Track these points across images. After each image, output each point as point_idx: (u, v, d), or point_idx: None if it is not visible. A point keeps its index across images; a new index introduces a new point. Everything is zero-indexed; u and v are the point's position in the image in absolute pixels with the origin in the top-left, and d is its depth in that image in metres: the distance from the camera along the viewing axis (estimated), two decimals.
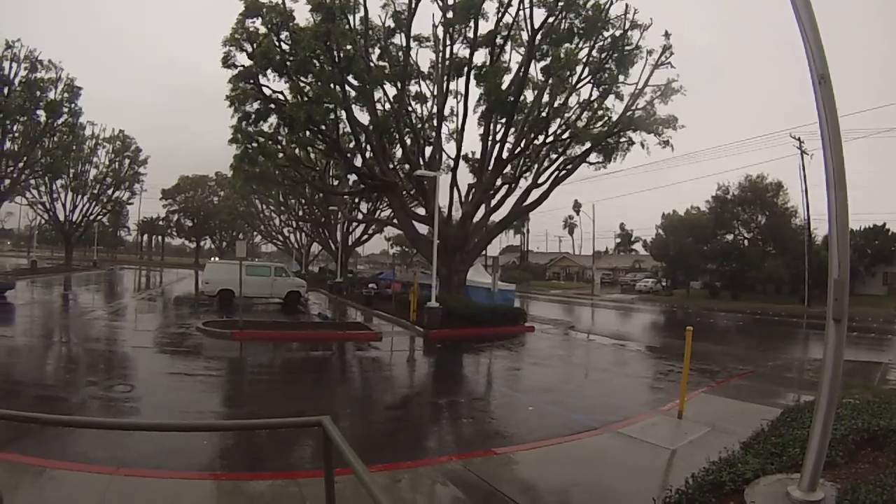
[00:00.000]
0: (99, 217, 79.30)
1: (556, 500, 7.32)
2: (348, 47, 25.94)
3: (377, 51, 29.42)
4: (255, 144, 28.92)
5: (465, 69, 28.71)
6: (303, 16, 26.64)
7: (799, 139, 55.30)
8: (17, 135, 53.68)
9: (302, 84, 26.54)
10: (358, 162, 32.41)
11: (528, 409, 12.56)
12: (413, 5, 28.00)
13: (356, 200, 55.00)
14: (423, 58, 34.94)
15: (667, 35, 28.76)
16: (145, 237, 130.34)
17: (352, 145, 33.54)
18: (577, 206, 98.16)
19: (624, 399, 13.83)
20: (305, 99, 25.93)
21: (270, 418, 9.04)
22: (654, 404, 12.97)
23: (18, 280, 34.66)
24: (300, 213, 68.00)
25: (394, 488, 7.20)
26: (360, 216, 57.80)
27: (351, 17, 26.98)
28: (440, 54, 31.13)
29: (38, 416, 3.79)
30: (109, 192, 74.94)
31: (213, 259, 44.53)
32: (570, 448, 9.46)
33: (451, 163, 31.99)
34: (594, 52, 28.98)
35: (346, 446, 3.17)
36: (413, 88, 31.92)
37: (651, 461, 8.84)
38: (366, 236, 65.47)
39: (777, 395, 14.06)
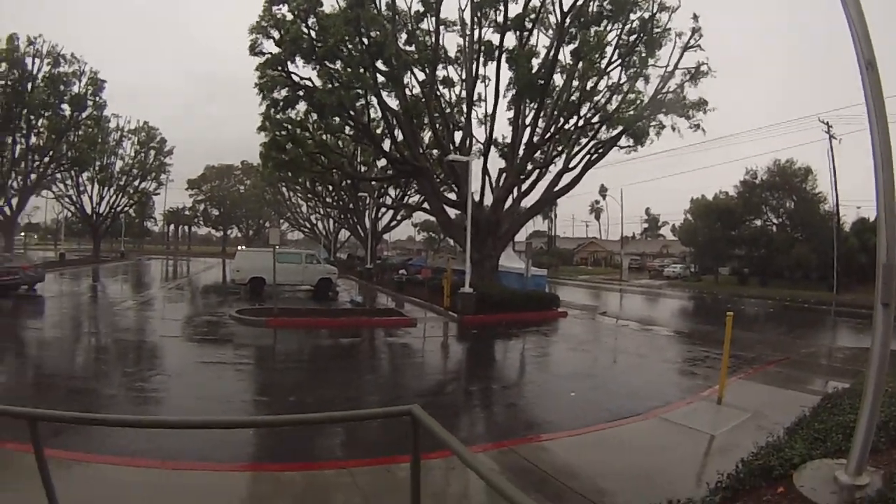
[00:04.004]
0: (126, 208, 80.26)
1: (608, 485, 7.30)
2: (375, 33, 25.88)
3: (404, 35, 29.29)
4: (284, 132, 29.01)
5: (496, 53, 28.54)
6: (328, 1, 26.75)
7: (827, 123, 53.78)
8: (41, 129, 54.67)
9: (331, 70, 26.54)
10: (388, 147, 32.44)
11: (570, 395, 12.55)
12: None
13: (384, 186, 55.06)
14: (450, 42, 34.97)
15: (695, 17, 28.45)
16: (172, 227, 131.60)
17: (379, 131, 33.56)
18: (603, 191, 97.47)
19: (663, 385, 13.89)
20: (335, 84, 25.94)
21: (333, 408, 9.11)
22: (694, 390, 12.98)
23: (47, 272, 34.99)
24: (328, 199, 68.12)
25: (451, 475, 7.23)
26: (388, 202, 57.91)
27: (377, 2, 26.92)
28: (467, 38, 30.95)
29: (104, 416, 3.87)
30: (136, 183, 76.04)
31: (241, 247, 44.75)
32: (617, 432, 9.53)
33: (482, 147, 31.90)
34: (623, 35, 28.74)
35: (445, 433, 3.27)
36: (440, 73, 31.72)
37: (697, 446, 8.96)
38: (394, 222, 65.55)
39: (812, 382, 14.03)
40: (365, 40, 25.69)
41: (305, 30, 25.76)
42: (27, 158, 54.46)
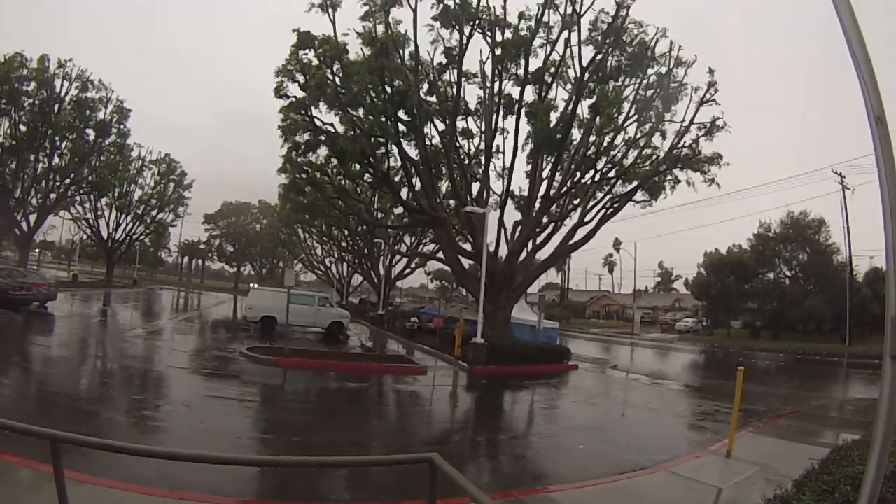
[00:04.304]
0: (141, 237, 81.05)
1: None
2: (399, 83, 26.24)
3: (425, 86, 29.65)
4: (303, 175, 29.27)
5: (516, 106, 28.91)
6: (353, 48, 27.15)
7: (840, 174, 54.24)
8: (65, 151, 55.68)
9: (353, 117, 26.86)
10: (405, 195, 32.71)
11: (579, 448, 12.59)
12: (465, 42, 28.22)
13: (400, 234, 55.32)
14: (470, 94, 35.44)
15: (711, 72, 28.83)
16: (185, 259, 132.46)
17: (397, 179, 33.82)
18: (617, 245, 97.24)
19: (673, 439, 13.95)
20: (357, 131, 26.24)
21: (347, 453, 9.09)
22: (703, 444, 13.05)
23: (60, 292, 35.08)
24: (343, 244, 68.42)
25: None
26: (403, 249, 58.11)
27: (401, 52, 27.32)
28: (486, 90, 31.47)
29: (128, 445, 3.98)
30: (153, 213, 76.75)
31: (253, 285, 44.95)
32: (625, 485, 9.55)
33: (498, 199, 32.22)
34: (640, 90, 29.21)
35: (468, 483, 3.35)
36: (460, 125, 31.92)
37: (705, 499, 8.98)
38: (408, 270, 65.36)
39: (822, 435, 14.16)
40: (388, 89, 26.05)
41: (330, 76, 26.17)
42: (48, 178, 55.43)
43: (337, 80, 26.28)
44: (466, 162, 32.56)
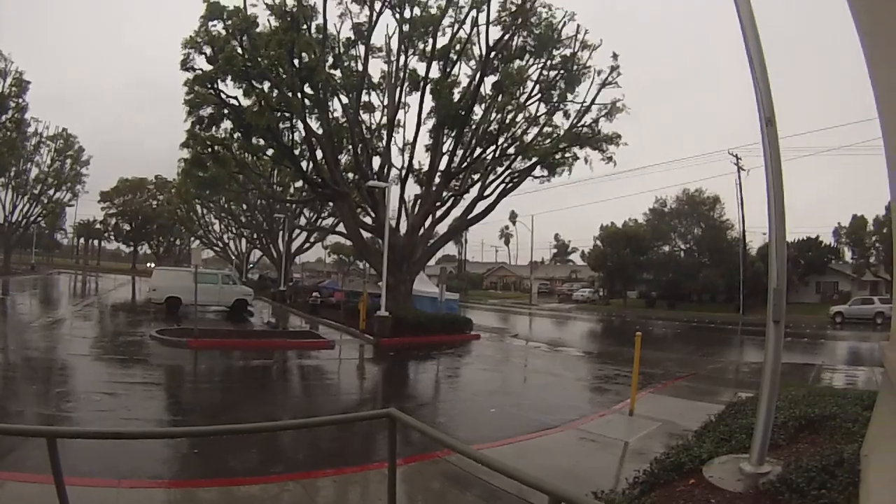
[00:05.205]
0: (38, 219, 77.36)
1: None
2: (307, 57, 26.09)
3: (330, 59, 29.40)
4: (207, 150, 28.82)
5: (421, 83, 29.18)
6: (262, 21, 26.75)
7: (736, 156, 57.67)
8: None
9: (259, 90, 26.47)
10: (306, 169, 32.67)
11: (490, 411, 13.27)
12: (374, 18, 28.50)
13: (300, 208, 54.96)
14: (373, 68, 35.60)
15: (615, 56, 29.81)
16: (82, 241, 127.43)
17: (297, 152, 33.57)
18: (513, 217, 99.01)
19: (578, 400, 14.86)
20: (263, 105, 25.97)
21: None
22: (607, 404, 13.91)
23: None
24: (242, 219, 67.44)
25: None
26: (303, 223, 57.80)
27: (309, 24, 27.01)
28: (391, 65, 31.64)
29: (128, 430, 4.31)
30: (50, 192, 73.11)
31: (151, 265, 44.06)
32: (539, 443, 10.25)
33: (400, 174, 32.54)
34: (545, 71, 29.87)
35: (433, 430, 3.80)
36: (363, 99, 31.76)
37: (613, 451, 9.83)
38: (308, 244, 65.23)
39: (718, 394, 15.08)
40: (297, 63, 25.86)
41: (239, 49, 25.71)
42: None
43: (245, 53, 25.95)
44: (368, 136, 32.65)
